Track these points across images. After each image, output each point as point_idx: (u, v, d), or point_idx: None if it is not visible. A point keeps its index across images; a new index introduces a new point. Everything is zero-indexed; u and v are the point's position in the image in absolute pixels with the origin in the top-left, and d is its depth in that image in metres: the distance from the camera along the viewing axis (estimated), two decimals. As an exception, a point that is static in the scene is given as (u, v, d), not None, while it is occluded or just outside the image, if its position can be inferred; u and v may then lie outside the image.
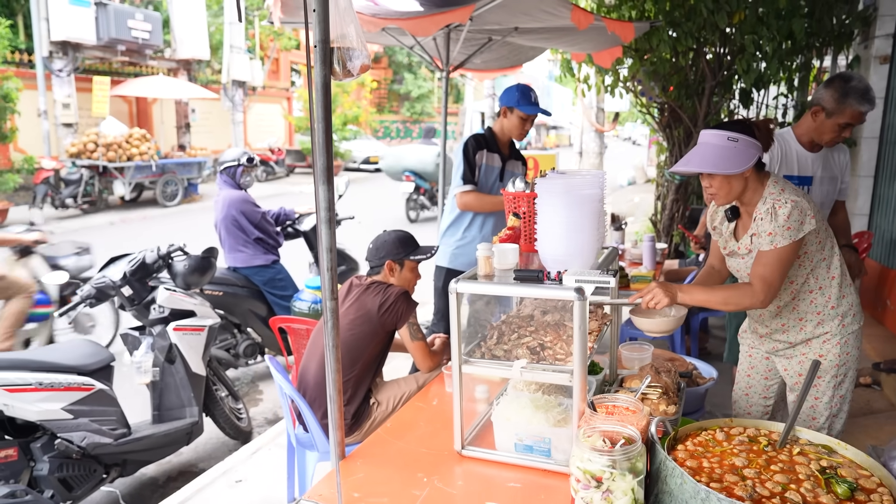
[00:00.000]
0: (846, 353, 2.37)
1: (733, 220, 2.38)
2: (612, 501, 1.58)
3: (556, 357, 1.97)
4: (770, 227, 2.17)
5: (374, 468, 2.06)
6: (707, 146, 2.19)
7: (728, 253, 2.45)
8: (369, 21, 3.89)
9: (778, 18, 5.12)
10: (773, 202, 2.19)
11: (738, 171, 2.14)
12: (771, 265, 2.17)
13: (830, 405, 2.39)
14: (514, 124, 3.59)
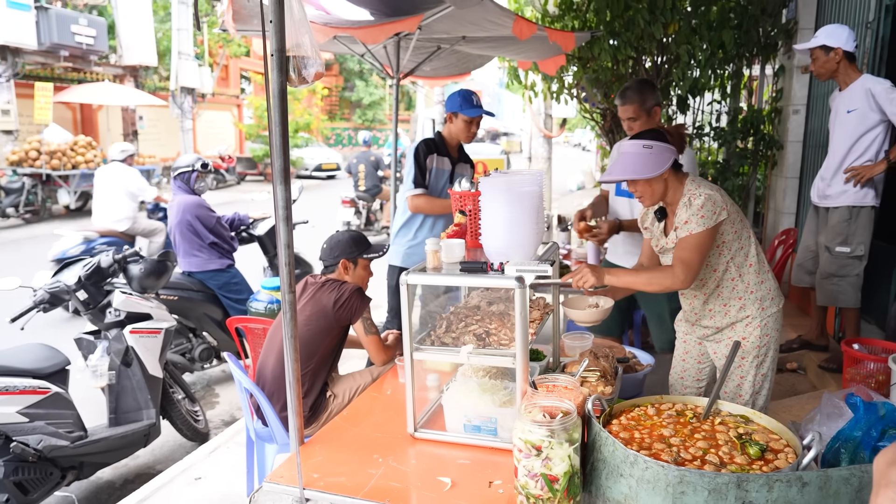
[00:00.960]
0: (766, 335, 2.59)
1: (662, 219, 2.60)
2: (551, 468, 1.75)
3: (500, 342, 2.13)
4: (686, 215, 2.39)
5: (332, 452, 2.18)
6: (627, 156, 2.41)
7: (660, 250, 2.66)
8: (321, 30, 4.01)
9: (709, 30, 5.45)
10: (690, 195, 2.41)
11: (656, 174, 2.36)
12: (688, 249, 2.37)
13: (754, 383, 2.61)
14: (460, 128, 3.76)
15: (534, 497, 1.78)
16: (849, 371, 3.45)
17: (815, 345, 4.33)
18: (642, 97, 3.27)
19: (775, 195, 6.00)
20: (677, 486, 1.68)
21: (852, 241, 3.88)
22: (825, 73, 3.89)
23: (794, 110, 5.63)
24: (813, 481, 1.66)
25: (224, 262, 4.88)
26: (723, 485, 1.65)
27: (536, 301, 2.54)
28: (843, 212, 3.89)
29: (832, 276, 3.96)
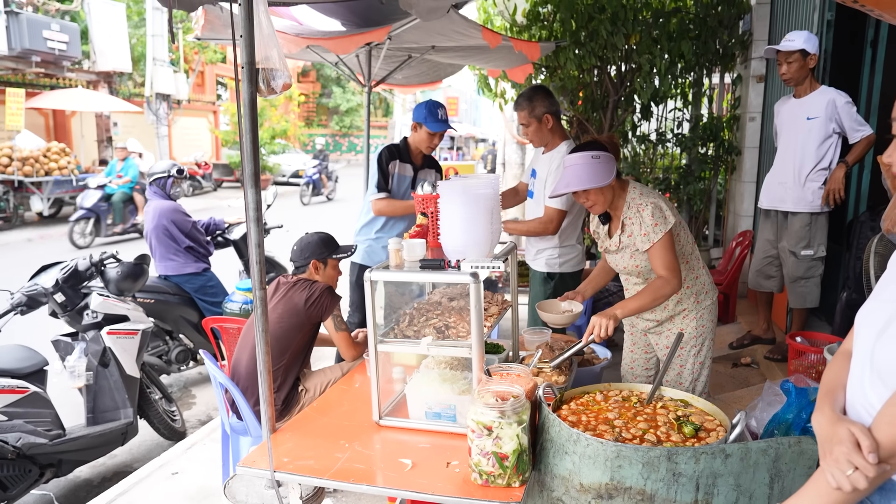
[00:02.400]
0: (702, 326, 2.79)
1: (606, 223, 2.79)
2: (501, 446, 1.91)
3: (458, 334, 2.29)
4: (641, 228, 2.58)
5: (302, 439, 2.32)
6: (577, 167, 2.58)
7: (605, 251, 2.85)
8: (294, 40, 4.15)
9: (669, 40, 5.68)
10: (637, 206, 2.61)
11: (608, 181, 2.55)
12: (663, 256, 2.56)
13: (692, 370, 2.80)
14: (423, 139, 3.92)
15: (486, 474, 1.94)
16: (793, 363, 3.67)
17: (764, 339, 4.56)
18: (531, 104, 3.52)
19: (734, 199, 6.26)
20: (615, 461, 1.85)
21: (814, 243, 4.11)
22: (798, 78, 4.01)
23: (751, 117, 5.89)
24: (735, 453, 1.84)
25: (200, 266, 4.99)
26: (655, 458, 1.82)
27: (495, 297, 2.71)
28: (804, 217, 4.11)
29: (800, 278, 4.18)
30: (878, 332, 1.25)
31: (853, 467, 1.17)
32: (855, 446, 1.18)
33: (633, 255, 2.71)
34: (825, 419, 1.30)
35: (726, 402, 3.80)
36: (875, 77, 4.19)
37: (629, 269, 2.77)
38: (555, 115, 3.58)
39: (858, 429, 1.20)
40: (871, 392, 1.24)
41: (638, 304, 2.54)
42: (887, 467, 1.18)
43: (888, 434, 1.17)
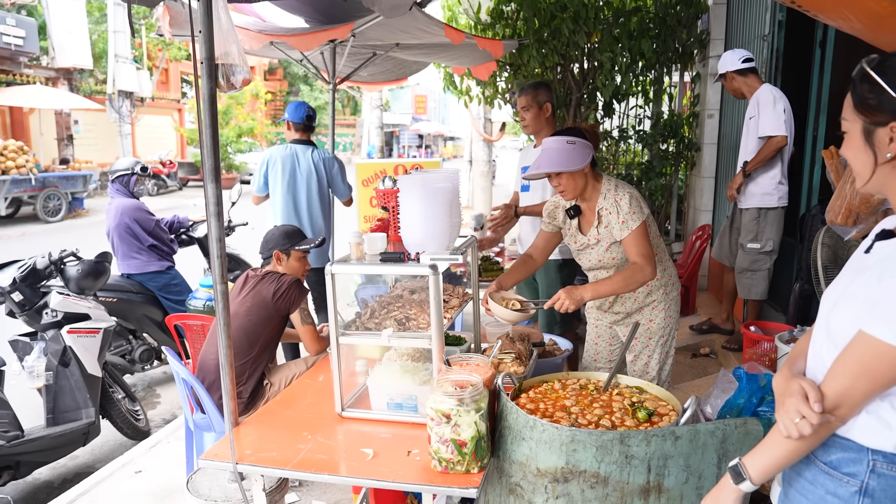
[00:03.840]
0: (669, 317, 2.86)
1: (575, 216, 2.81)
2: (460, 433, 1.95)
3: (419, 326, 2.33)
4: (619, 217, 2.62)
5: (265, 431, 2.33)
6: (551, 150, 2.63)
7: (579, 247, 2.85)
8: (256, 36, 4.14)
9: (630, 39, 5.80)
10: (614, 196, 2.64)
11: (580, 167, 2.59)
12: (639, 243, 2.60)
13: (659, 360, 2.87)
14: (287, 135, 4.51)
15: (445, 461, 1.98)
16: (748, 351, 3.79)
17: (722, 328, 4.70)
18: (535, 91, 3.71)
19: (694, 194, 6.40)
20: (569, 445, 1.91)
21: (761, 237, 4.25)
22: (734, 92, 4.38)
23: (709, 115, 6.04)
24: (684, 435, 1.91)
25: (164, 264, 4.94)
26: (608, 441, 1.89)
27: (456, 290, 2.75)
28: (753, 212, 4.25)
29: (746, 270, 4.32)
30: (833, 304, 1.37)
31: (800, 416, 1.28)
32: (803, 398, 1.29)
33: (609, 248, 2.73)
34: (782, 378, 1.42)
35: (685, 392, 3.91)
36: (824, 77, 4.33)
37: (604, 263, 2.79)
38: (554, 107, 3.78)
39: (807, 383, 1.31)
40: (827, 356, 1.35)
41: (610, 287, 2.57)
42: (831, 418, 1.29)
43: (832, 387, 1.29)
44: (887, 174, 1.30)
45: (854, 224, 2.83)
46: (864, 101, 1.27)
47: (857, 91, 1.29)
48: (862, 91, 1.27)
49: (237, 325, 3.04)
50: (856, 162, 1.34)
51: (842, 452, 1.35)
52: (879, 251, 1.32)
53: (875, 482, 1.31)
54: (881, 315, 1.21)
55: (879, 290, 1.23)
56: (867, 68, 1.26)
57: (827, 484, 1.37)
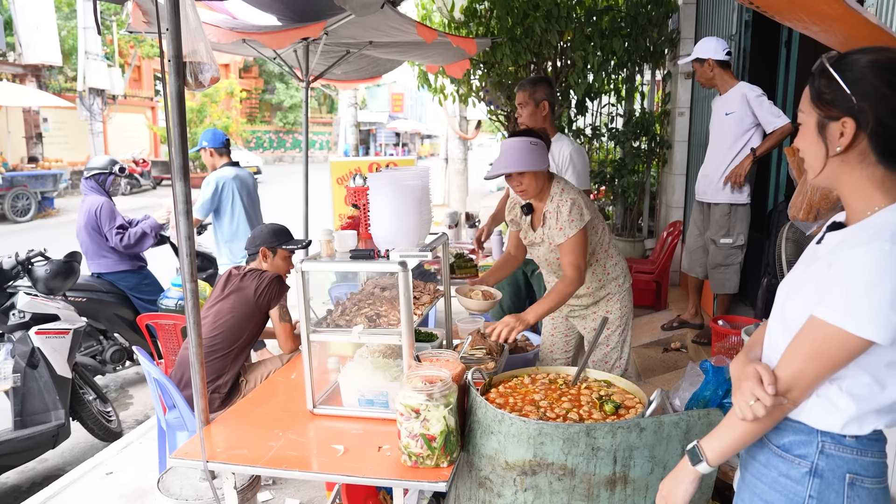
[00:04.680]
0: (624, 307, 2.97)
1: (528, 214, 2.89)
2: (429, 428, 1.97)
3: (389, 323, 2.34)
4: (558, 223, 2.70)
5: (236, 429, 2.33)
6: (515, 150, 2.68)
7: (529, 243, 2.96)
8: (227, 34, 4.11)
9: (601, 38, 5.86)
10: (558, 202, 2.71)
11: (544, 167, 2.65)
12: (573, 252, 2.69)
13: (617, 349, 2.96)
14: (208, 161, 4.80)
15: (415, 455, 2.00)
16: (716, 345, 3.86)
17: (692, 324, 4.78)
18: (534, 87, 3.70)
19: (666, 190, 6.49)
20: (537, 438, 1.94)
21: (733, 232, 4.33)
22: (705, 81, 4.34)
23: (680, 112, 6.12)
24: (649, 426, 1.95)
25: (136, 264, 4.89)
26: (574, 433, 1.92)
27: (427, 286, 2.77)
28: (724, 208, 4.33)
29: (719, 265, 4.40)
30: (787, 293, 1.43)
31: (755, 398, 1.33)
32: (758, 381, 1.34)
33: (552, 249, 2.83)
34: (739, 363, 1.48)
35: (655, 385, 3.97)
36: (789, 75, 4.43)
37: (549, 261, 2.90)
38: (551, 107, 3.76)
39: (762, 367, 1.36)
40: (781, 342, 1.40)
41: (546, 306, 2.66)
42: (784, 400, 1.34)
43: (785, 370, 1.34)
44: (837, 167, 1.34)
45: (815, 219, 2.89)
46: (821, 95, 1.31)
47: (815, 85, 1.33)
48: (819, 85, 1.32)
49: (221, 322, 3.04)
50: (808, 154, 1.39)
51: (793, 435, 1.41)
52: (830, 241, 1.38)
53: (824, 462, 1.37)
54: (830, 300, 1.26)
55: (829, 277, 1.28)
56: (826, 64, 1.30)
57: (780, 466, 1.43)
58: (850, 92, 1.26)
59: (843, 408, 1.33)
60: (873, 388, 1.32)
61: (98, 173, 4.76)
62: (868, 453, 1.36)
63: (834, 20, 1.63)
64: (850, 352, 1.27)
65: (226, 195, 4.68)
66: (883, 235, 1.23)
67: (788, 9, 1.74)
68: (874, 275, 1.21)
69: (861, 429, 1.34)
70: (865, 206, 1.32)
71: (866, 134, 1.27)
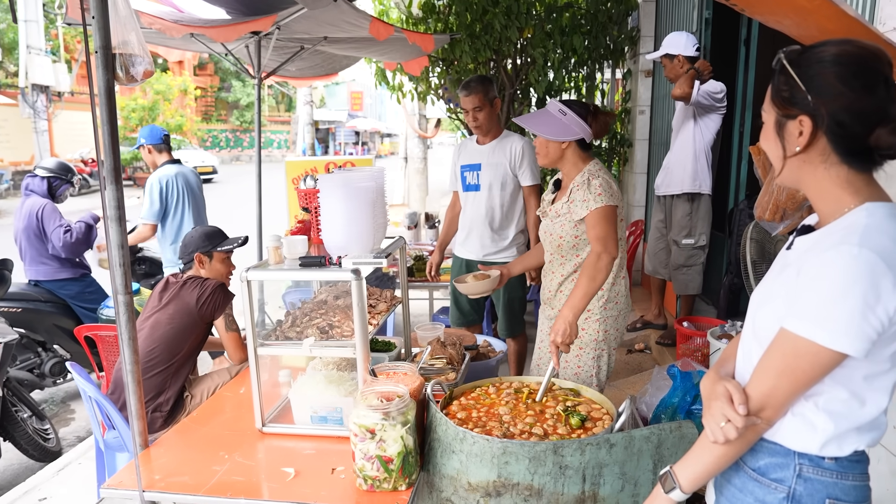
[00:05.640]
0: (604, 331, 2.66)
1: (555, 191, 2.72)
2: (385, 449, 1.84)
3: (343, 334, 2.19)
4: (584, 195, 2.49)
5: (177, 453, 2.16)
6: (544, 112, 2.55)
7: (542, 213, 2.74)
8: (172, 27, 3.89)
9: (562, 35, 5.78)
10: (589, 175, 2.52)
11: (554, 138, 2.50)
12: (598, 225, 2.44)
13: (591, 372, 2.70)
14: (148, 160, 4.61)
15: (371, 478, 1.86)
16: (681, 347, 3.81)
17: (655, 324, 4.74)
18: (485, 88, 3.54)
19: (627, 189, 6.46)
20: (501, 457, 1.82)
21: (695, 232, 4.29)
22: (674, 77, 4.22)
23: (641, 111, 6.10)
24: (619, 442, 1.85)
25: (78, 271, 4.62)
26: (541, 452, 1.80)
27: (384, 294, 2.63)
28: (685, 206, 4.27)
29: (682, 266, 4.35)
30: (759, 303, 1.35)
31: (726, 419, 1.24)
32: (728, 400, 1.25)
33: (563, 225, 2.60)
34: (709, 381, 1.37)
35: (620, 389, 3.90)
36: (749, 73, 4.41)
37: (554, 239, 2.65)
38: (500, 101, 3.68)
39: (732, 385, 1.27)
40: (754, 356, 1.31)
41: (583, 293, 2.36)
42: (758, 420, 1.25)
43: (756, 388, 1.25)
44: (798, 168, 1.27)
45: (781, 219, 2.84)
46: (779, 93, 1.25)
47: (774, 82, 1.27)
48: (778, 83, 1.25)
49: (158, 335, 2.85)
50: (770, 154, 1.32)
51: (769, 457, 1.32)
52: (799, 246, 1.30)
53: (802, 487, 1.28)
54: (799, 310, 1.18)
55: (798, 286, 1.20)
56: (784, 60, 1.23)
57: (755, 491, 1.34)
58: (805, 89, 1.19)
59: (821, 427, 1.25)
60: (852, 404, 1.23)
61: (55, 177, 4.49)
62: (849, 476, 1.27)
63: (810, 13, 1.55)
64: (823, 366, 1.18)
65: (170, 195, 4.44)
66: (852, 239, 1.14)
67: (762, 1, 1.65)
68: (844, 282, 1.12)
69: (841, 449, 1.26)
70: (834, 208, 1.24)
71: (824, 133, 1.20)
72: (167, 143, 4.63)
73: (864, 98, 1.17)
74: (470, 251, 3.79)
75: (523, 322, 3.88)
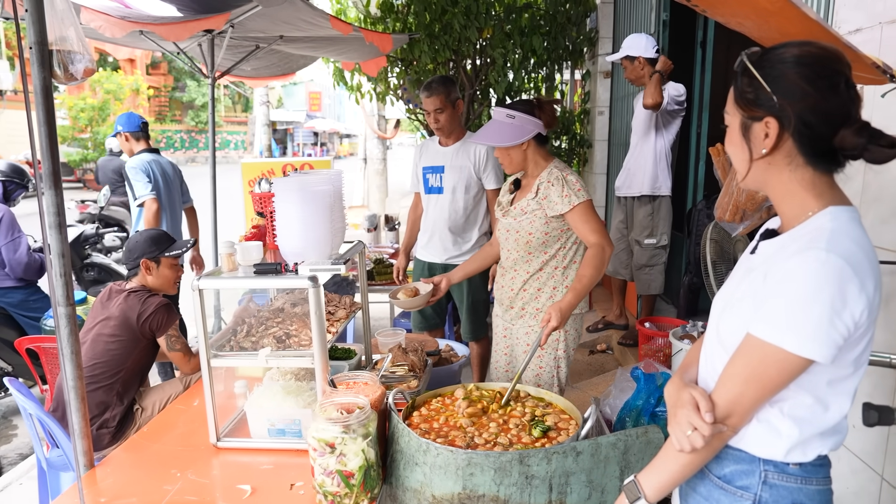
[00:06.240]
0: (564, 330, 2.66)
1: (515, 191, 2.69)
2: (346, 463, 1.76)
3: (300, 343, 2.11)
4: (562, 191, 2.47)
5: (126, 472, 2.05)
6: (493, 122, 2.53)
7: (503, 213, 2.68)
8: (118, 23, 3.73)
9: (521, 35, 5.77)
10: (560, 171, 2.51)
11: (511, 143, 2.48)
12: (584, 220, 2.47)
13: (549, 371, 2.70)
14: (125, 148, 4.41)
15: (331, 494, 1.79)
16: (643, 347, 3.82)
17: (616, 324, 4.75)
18: (447, 89, 3.48)
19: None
20: (466, 469, 1.76)
21: (657, 232, 4.31)
22: (635, 79, 4.25)
23: (600, 112, 6.13)
24: (586, 450, 1.81)
25: (22, 280, 4.40)
26: (506, 462, 1.76)
27: (343, 300, 2.55)
28: (647, 207, 4.29)
29: (644, 266, 4.37)
30: (722, 308, 1.33)
31: (692, 427, 1.22)
32: (694, 408, 1.23)
33: (533, 222, 2.55)
34: (673, 387, 1.35)
35: (583, 390, 3.90)
36: (705, 75, 4.46)
37: (522, 236, 2.59)
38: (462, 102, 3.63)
39: (698, 392, 1.25)
40: (718, 362, 1.30)
41: (586, 283, 2.43)
42: (724, 428, 1.24)
43: (722, 395, 1.24)
44: (764, 171, 1.25)
45: (741, 220, 2.86)
46: (743, 95, 1.23)
47: (737, 84, 1.25)
48: (742, 85, 1.24)
49: (100, 349, 2.71)
50: (735, 157, 1.31)
51: (735, 465, 1.31)
52: (764, 251, 1.29)
53: (767, 494, 1.27)
54: (766, 316, 1.16)
55: (764, 290, 1.18)
56: (747, 62, 1.22)
57: (721, 499, 1.33)
58: (770, 90, 1.17)
59: (786, 433, 1.24)
60: (816, 409, 1.23)
61: (8, 181, 4.27)
62: (813, 481, 1.27)
63: (772, 14, 1.53)
64: (790, 372, 1.17)
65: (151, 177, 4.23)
66: (819, 244, 1.13)
67: (723, 3, 1.63)
68: (811, 287, 1.11)
69: (805, 455, 1.26)
70: (798, 212, 1.23)
71: (790, 134, 1.18)
72: (145, 131, 4.42)
73: (829, 98, 1.16)
74: (432, 254, 3.73)
75: (487, 325, 3.84)
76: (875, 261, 1.17)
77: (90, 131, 21.06)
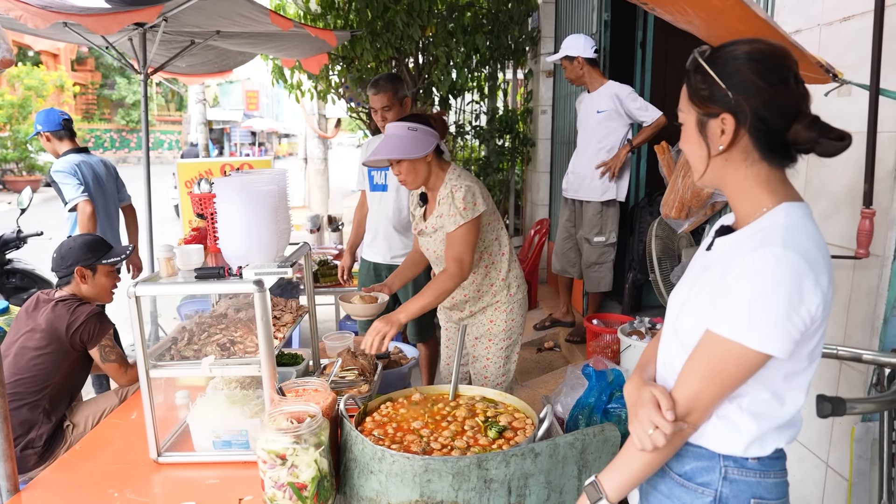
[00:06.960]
0: (512, 319, 2.73)
1: (424, 204, 2.67)
2: (298, 475, 1.69)
3: (246, 350, 2.02)
4: (450, 210, 2.47)
5: (56, 495, 1.91)
6: (393, 137, 2.47)
7: (418, 233, 2.72)
8: (39, 13, 3.51)
9: (464, 34, 5.76)
10: (452, 187, 2.50)
11: (419, 155, 2.43)
12: (458, 245, 2.47)
13: (498, 363, 2.74)
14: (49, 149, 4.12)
15: (283, 508, 1.71)
16: (591, 344, 3.85)
17: (563, 322, 4.79)
18: (395, 87, 3.44)
19: (531, 189, 6.54)
20: (423, 475, 1.72)
21: (605, 230, 4.35)
22: (575, 79, 4.31)
23: (543, 110, 6.17)
24: (544, 451, 1.79)
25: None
26: (465, 467, 1.72)
27: (289, 304, 2.46)
28: (596, 206, 4.33)
29: (594, 264, 4.41)
30: (680, 305, 1.33)
31: (654, 426, 1.22)
32: (655, 406, 1.23)
33: (443, 240, 2.58)
34: (633, 386, 1.35)
35: (533, 388, 3.90)
36: (645, 75, 4.54)
37: (439, 255, 2.64)
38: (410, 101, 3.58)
39: (659, 390, 1.25)
40: (676, 359, 1.30)
41: (421, 303, 2.43)
42: (684, 425, 1.24)
43: (683, 392, 1.24)
44: (720, 168, 1.26)
45: (686, 217, 2.91)
46: (697, 92, 1.24)
47: (690, 82, 1.25)
48: (695, 82, 1.24)
49: (25, 363, 2.54)
50: (691, 155, 1.31)
51: (695, 462, 1.32)
52: (720, 247, 1.30)
53: (728, 489, 1.28)
54: (724, 312, 1.17)
55: (722, 287, 1.19)
56: (700, 59, 1.22)
57: (682, 497, 1.33)
58: (725, 86, 1.18)
59: (745, 428, 1.25)
60: (773, 403, 1.25)
61: None
62: (770, 474, 1.29)
63: (721, 13, 1.54)
64: (749, 367, 1.18)
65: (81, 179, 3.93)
66: (775, 240, 1.14)
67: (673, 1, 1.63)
68: (769, 283, 1.12)
69: (763, 449, 1.27)
70: (753, 208, 1.24)
71: (746, 129, 1.20)
72: (69, 128, 4.07)
73: (782, 93, 1.18)
74: (377, 254, 3.67)
75: (434, 325, 3.80)
76: (828, 256, 1.19)
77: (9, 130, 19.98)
